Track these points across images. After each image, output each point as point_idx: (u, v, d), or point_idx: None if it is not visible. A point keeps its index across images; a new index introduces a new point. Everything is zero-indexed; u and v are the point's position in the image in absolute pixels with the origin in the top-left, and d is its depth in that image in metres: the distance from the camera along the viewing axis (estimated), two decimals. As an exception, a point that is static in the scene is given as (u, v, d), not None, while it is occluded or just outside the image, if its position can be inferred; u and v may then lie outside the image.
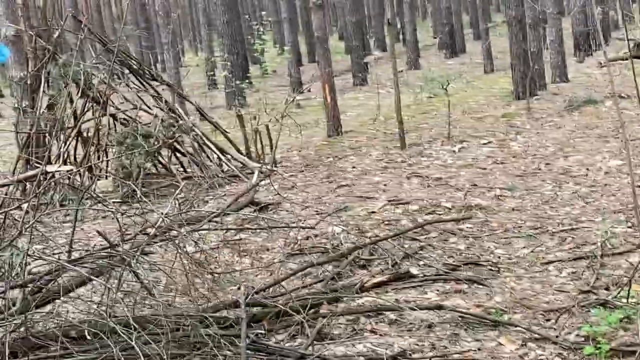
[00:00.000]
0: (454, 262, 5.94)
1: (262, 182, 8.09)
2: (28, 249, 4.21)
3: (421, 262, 5.93)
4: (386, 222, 7.10)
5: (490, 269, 5.72)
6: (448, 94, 10.79)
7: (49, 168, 6.50)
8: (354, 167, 9.49)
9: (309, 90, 20.18)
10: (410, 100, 14.60)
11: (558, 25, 15.68)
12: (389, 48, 34.62)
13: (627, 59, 16.29)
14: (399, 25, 37.37)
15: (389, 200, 7.79)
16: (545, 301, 5.06)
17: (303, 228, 6.17)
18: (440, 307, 4.88)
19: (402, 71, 23.42)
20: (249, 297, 4.93)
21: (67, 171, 6.23)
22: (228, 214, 7.18)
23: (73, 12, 9.73)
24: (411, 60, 23.60)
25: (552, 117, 11.66)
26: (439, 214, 7.31)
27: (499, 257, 6.02)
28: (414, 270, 5.63)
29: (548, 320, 4.74)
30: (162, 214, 5.17)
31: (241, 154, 10.26)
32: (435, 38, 34.49)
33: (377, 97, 13.45)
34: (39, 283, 4.67)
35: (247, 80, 17.99)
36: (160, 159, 9.83)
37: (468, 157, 9.45)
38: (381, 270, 5.75)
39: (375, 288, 5.43)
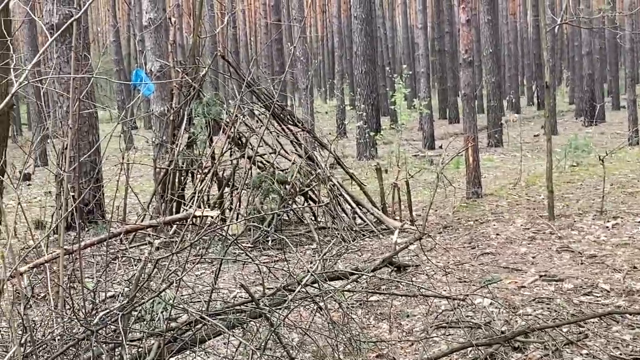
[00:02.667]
0: (620, 354, 5.28)
1: (410, 244, 7.62)
2: (172, 300, 3.91)
3: (584, 351, 5.30)
4: (538, 300, 6.50)
5: (667, 369, 5.04)
6: (604, 166, 10.03)
7: (197, 212, 6.27)
8: (497, 234, 8.90)
9: (441, 147, 19.76)
10: (551, 167, 13.86)
11: None
12: (522, 110, 33.77)
13: None
14: (533, 87, 36.56)
15: (540, 275, 7.18)
16: None
17: (454, 299, 5.65)
18: (617, 412, 4.25)
19: (537, 135, 22.67)
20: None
21: (214, 217, 5.96)
22: (365, 273, 6.76)
23: (221, 52, 9.64)
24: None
25: None
26: (597, 296, 6.65)
27: (674, 356, 5.31)
28: (579, 361, 5.01)
29: None
30: (308, 271, 4.83)
31: (376, 208, 9.86)
32: (571, 104, 33.51)
33: (520, 161, 12.81)
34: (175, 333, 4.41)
35: (380, 132, 17.69)
36: (294, 206, 9.54)
37: (623, 235, 8.69)
38: (540, 357, 5.16)
39: (534, 377, 4.87)
